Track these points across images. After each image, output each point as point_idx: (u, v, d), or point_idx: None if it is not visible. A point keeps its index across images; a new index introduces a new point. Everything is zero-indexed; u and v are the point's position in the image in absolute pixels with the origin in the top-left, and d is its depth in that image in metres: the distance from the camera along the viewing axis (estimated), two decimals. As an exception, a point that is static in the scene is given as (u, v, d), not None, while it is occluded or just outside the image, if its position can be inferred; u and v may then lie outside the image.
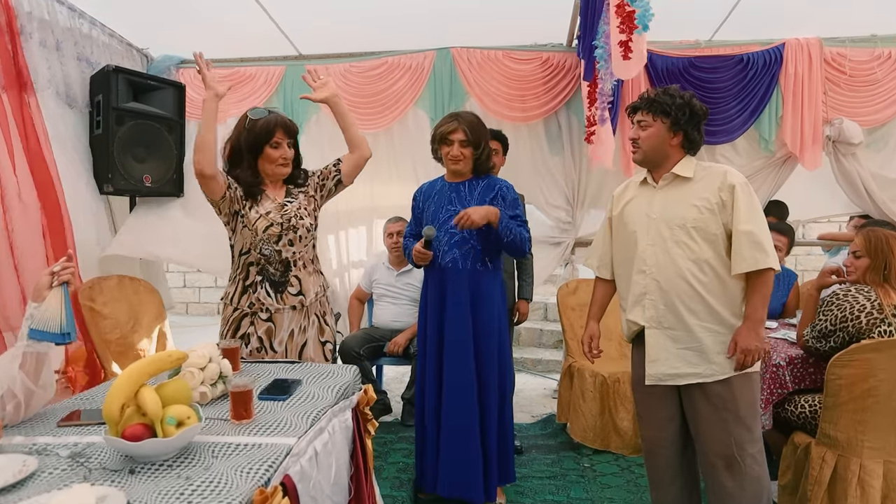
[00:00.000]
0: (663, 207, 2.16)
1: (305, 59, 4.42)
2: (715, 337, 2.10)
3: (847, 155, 3.99)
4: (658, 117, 2.14)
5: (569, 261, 4.40)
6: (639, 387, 2.31)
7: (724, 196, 2.08)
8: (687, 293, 2.10)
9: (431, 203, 2.75)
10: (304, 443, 1.43)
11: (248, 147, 2.34)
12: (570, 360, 3.66)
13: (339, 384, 1.88)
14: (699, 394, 2.13)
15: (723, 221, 2.08)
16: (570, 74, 4.15)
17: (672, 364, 2.14)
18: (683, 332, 2.12)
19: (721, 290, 2.10)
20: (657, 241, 2.15)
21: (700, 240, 2.09)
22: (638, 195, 2.28)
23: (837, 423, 2.25)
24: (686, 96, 2.14)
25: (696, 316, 2.10)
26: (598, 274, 2.49)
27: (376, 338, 3.80)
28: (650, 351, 2.18)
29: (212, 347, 1.73)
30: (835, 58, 3.98)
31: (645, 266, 2.17)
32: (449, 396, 2.60)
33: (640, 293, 2.19)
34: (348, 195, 4.46)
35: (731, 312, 2.12)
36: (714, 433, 2.12)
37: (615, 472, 3.19)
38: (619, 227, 2.33)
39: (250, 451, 1.35)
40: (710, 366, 2.10)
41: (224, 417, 1.57)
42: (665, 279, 2.13)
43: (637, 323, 2.22)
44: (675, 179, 2.18)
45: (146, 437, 1.26)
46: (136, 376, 1.32)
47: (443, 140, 2.64)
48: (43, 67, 3.42)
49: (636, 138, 2.19)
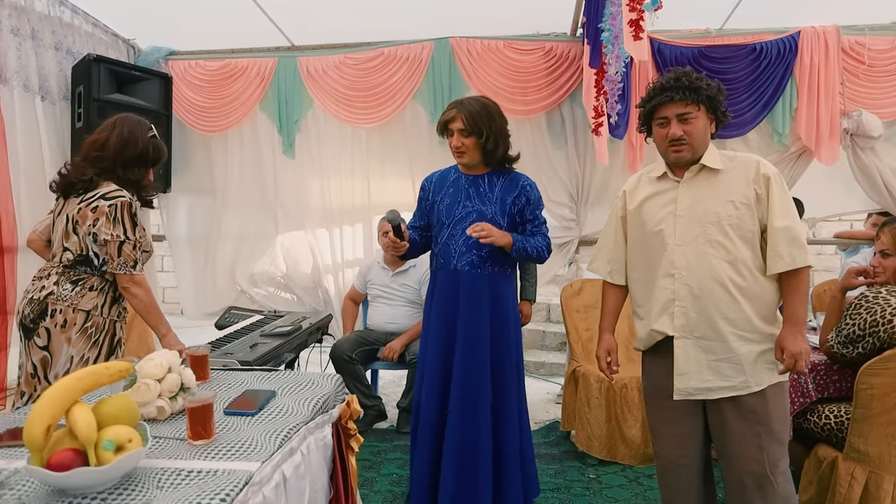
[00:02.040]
0: (692, 204, 1.93)
1: (299, 50, 4.28)
2: (749, 346, 1.89)
3: (865, 149, 3.83)
4: (702, 105, 1.89)
5: (573, 260, 4.25)
6: (654, 399, 2.10)
7: (758, 189, 1.88)
8: (723, 298, 1.88)
9: (445, 196, 2.49)
10: (268, 468, 1.24)
11: (140, 160, 2.31)
12: (575, 365, 3.48)
13: (318, 396, 1.69)
14: (730, 407, 1.92)
15: (758, 216, 1.88)
16: (575, 65, 3.98)
17: (703, 377, 1.93)
18: (717, 342, 1.91)
19: (758, 293, 1.90)
20: (687, 241, 1.92)
21: (736, 238, 1.87)
22: (658, 191, 2.03)
23: (868, 436, 2.07)
24: (704, 76, 1.93)
25: (732, 324, 1.89)
26: (608, 279, 2.20)
27: (370, 341, 3.62)
28: (679, 363, 1.96)
29: (171, 356, 1.54)
30: (853, 46, 3.82)
31: (674, 269, 1.94)
32: (458, 409, 2.35)
33: (668, 300, 1.96)
34: (342, 192, 4.33)
35: (764, 319, 1.91)
36: (745, 450, 1.91)
37: (622, 484, 3.00)
38: (637, 226, 2.08)
39: (203, 479, 1.16)
40: (745, 378, 1.89)
41: (181, 437, 1.38)
42: (697, 284, 1.90)
43: (663, 333, 1.98)
44: (702, 171, 1.95)
45: (77, 464, 1.08)
46: (65, 393, 1.13)
47: (444, 130, 2.42)
48: (12, 57, 3.25)
49: (680, 136, 1.89)
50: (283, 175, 4.30)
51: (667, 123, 1.93)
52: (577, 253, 4.23)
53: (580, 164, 4.14)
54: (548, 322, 5.89)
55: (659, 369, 2.04)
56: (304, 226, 4.33)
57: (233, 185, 4.34)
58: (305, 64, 4.19)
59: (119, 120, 2.29)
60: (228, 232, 4.34)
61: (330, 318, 3.46)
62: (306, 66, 4.18)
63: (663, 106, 1.92)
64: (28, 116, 3.39)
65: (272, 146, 4.29)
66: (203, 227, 4.38)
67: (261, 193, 4.34)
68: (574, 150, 4.12)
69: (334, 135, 4.28)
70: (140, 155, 2.26)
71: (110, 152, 2.21)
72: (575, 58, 3.97)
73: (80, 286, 2.18)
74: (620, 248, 2.16)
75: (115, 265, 2.15)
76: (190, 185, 4.38)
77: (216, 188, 4.37)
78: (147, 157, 2.29)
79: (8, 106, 3.20)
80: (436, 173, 2.61)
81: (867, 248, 4.09)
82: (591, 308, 3.74)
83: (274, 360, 2.68)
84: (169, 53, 4.33)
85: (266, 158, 4.30)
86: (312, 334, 3.17)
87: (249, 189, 4.34)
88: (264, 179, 4.32)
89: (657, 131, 1.98)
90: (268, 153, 4.30)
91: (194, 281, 4.36)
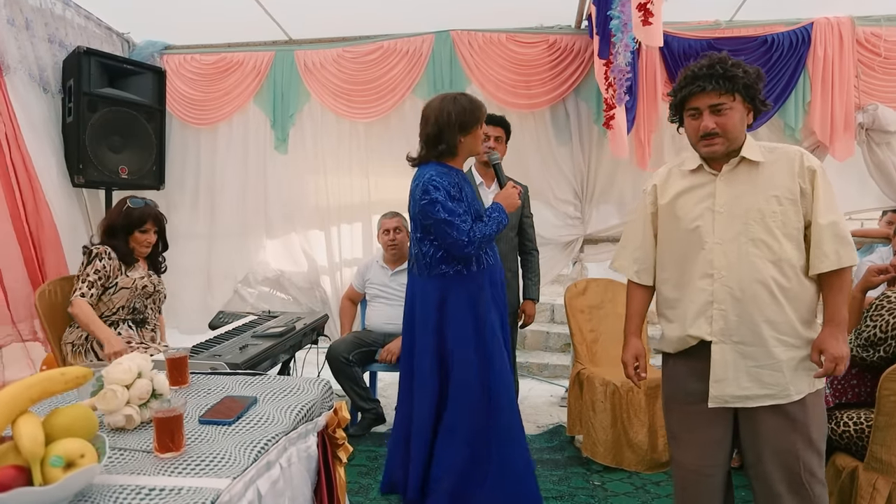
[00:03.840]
0: (733, 199, 1.81)
1: (296, 43, 4.19)
2: (791, 352, 1.78)
3: (881, 144, 3.72)
4: (738, 95, 1.75)
5: (577, 259, 4.13)
6: (678, 404, 1.98)
7: (802, 183, 1.75)
8: (766, 301, 1.76)
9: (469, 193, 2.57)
10: (239, 485, 1.13)
11: (122, 227, 2.87)
12: (579, 367, 3.36)
13: (302, 403, 1.57)
14: (768, 416, 1.81)
15: (803, 212, 1.76)
16: (580, 58, 3.87)
17: (741, 384, 1.80)
18: (757, 348, 1.78)
19: (800, 295, 1.78)
20: (727, 239, 1.80)
21: (781, 236, 1.75)
22: (693, 185, 1.89)
23: (892, 445, 1.95)
24: (741, 61, 1.79)
25: (775, 328, 1.77)
26: (635, 279, 2.06)
27: (367, 342, 3.51)
28: (716, 369, 1.83)
29: (143, 359, 1.43)
30: (868, 38, 3.71)
31: (713, 269, 1.82)
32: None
33: (706, 302, 1.83)
34: (341, 189, 4.23)
35: (805, 323, 1.80)
36: (780, 459, 1.80)
37: (629, 492, 2.89)
38: (670, 223, 1.94)
39: (165, 498, 1.05)
40: (786, 386, 1.78)
41: (147, 449, 1.27)
42: (739, 285, 1.78)
43: (699, 337, 1.86)
44: (741, 164, 1.81)
45: (18, 483, 0.96)
46: (11, 402, 1.01)
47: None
48: (13, 47, 3.17)
49: (713, 129, 1.76)
50: (276, 171, 4.20)
51: (698, 115, 1.79)
52: (582, 252, 4.12)
53: (585, 160, 4.03)
54: (552, 323, 5.78)
55: (687, 373, 1.93)
56: (300, 224, 4.23)
57: (223, 181, 4.24)
58: (303, 57, 4.09)
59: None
60: (220, 230, 4.24)
61: (326, 319, 3.35)
62: (304, 60, 4.09)
63: (695, 96, 1.78)
64: (38, 109, 3.39)
65: (265, 141, 4.19)
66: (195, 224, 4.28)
67: (253, 190, 4.23)
68: (579, 145, 4.01)
69: (332, 130, 4.19)
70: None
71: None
72: (579, 51, 3.86)
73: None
74: (649, 246, 2.03)
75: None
76: (182, 181, 4.29)
77: (206, 184, 4.27)
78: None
79: (17, 96, 3.18)
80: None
81: (882, 247, 3.96)
82: (595, 308, 3.62)
83: (266, 362, 2.58)
84: (164, 48, 4.25)
85: (259, 154, 4.20)
86: (307, 335, 3.06)
87: (241, 186, 4.24)
88: (258, 176, 4.22)
89: (689, 123, 1.84)
90: (260, 148, 4.20)
91: (187, 281, 4.26)
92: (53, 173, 3.41)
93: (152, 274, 3.01)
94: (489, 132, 3.17)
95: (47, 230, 3.25)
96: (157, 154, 3.82)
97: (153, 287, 2.96)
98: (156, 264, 3.07)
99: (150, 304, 2.97)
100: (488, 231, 2.39)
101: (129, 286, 2.83)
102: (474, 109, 2.44)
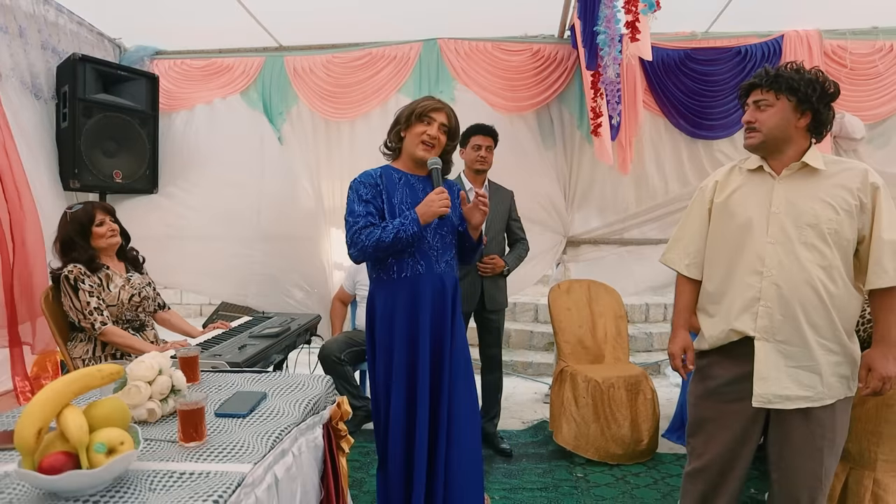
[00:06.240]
0: (790, 202, 1.84)
1: (286, 50, 4.26)
2: (829, 357, 1.83)
3: (849, 151, 3.89)
4: (782, 95, 1.83)
5: (560, 261, 4.25)
6: (712, 402, 2.01)
7: (864, 197, 1.79)
8: (812, 303, 1.80)
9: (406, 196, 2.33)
10: (260, 470, 1.25)
11: (76, 233, 2.72)
12: (563, 365, 3.50)
13: (309, 397, 1.69)
14: (799, 419, 1.85)
15: (858, 226, 1.80)
16: (563, 66, 4.00)
17: (783, 384, 1.84)
18: (799, 349, 1.83)
19: (847, 304, 1.83)
20: (781, 239, 1.84)
21: (833, 244, 1.80)
22: (749, 183, 1.95)
23: (849, 434, 2.08)
24: (814, 71, 1.85)
25: (818, 331, 1.81)
26: (685, 273, 2.10)
27: (358, 342, 3.61)
28: (760, 367, 1.86)
29: (162, 357, 1.54)
30: (835, 50, 3.88)
31: (762, 267, 1.85)
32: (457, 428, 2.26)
33: (753, 297, 1.87)
34: (330, 192, 4.30)
35: (847, 331, 1.84)
36: (805, 463, 1.85)
37: (610, 483, 3.03)
38: (723, 218, 1.98)
39: (196, 481, 1.17)
40: (822, 389, 1.82)
41: (172, 439, 1.38)
42: (788, 285, 1.82)
43: (743, 332, 1.89)
44: (802, 170, 1.86)
45: (68, 467, 1.07)
46: (56, 396, 1.12)
47: (420, 116, 2.27)
48: (5, 55, 3.22)
49: (752, 121, 1.88)
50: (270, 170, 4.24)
51: (748, 108, 1.93)
52: (565, 254, 4.25)
53: (567, 164, 4.16)
54: (535, 322, 5.91)
55: (726, 370, 1.97)
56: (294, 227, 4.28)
57: (217, 180, 4.24)
58: (292, 63, 4.17)
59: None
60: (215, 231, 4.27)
61: (318, 319, 3.44)
62: (293, 66, 4.17)
63: (746, 95, 1.94)
64: (30, 116, 3.39)
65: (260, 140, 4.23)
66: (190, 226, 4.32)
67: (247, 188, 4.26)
68: (563, 151, 4.14)
69: (318, 130, 4.25)
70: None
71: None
72: (562, 59, 3.99)
73: None
74: (702, 241, 2.07)
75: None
76: (175, 183, 4.31)
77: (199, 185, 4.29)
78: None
79: (8, 103, 3.18)
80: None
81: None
82: (580, 307, 3.76)
83: (262, 361, 2.67)
84: (155, 53, 4.30)
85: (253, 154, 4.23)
86: (301, 335, 3.16)
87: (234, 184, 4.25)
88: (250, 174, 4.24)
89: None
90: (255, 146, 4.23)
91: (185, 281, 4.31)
92: (44, 179, 3.42)
93: (132, 276, 2.86)
94: (480, 142, 3.28)
95: (32, 236, 3.15)
96: (150, 158, 3.89)
97: (138, 294, 2.83)
98: (133, 261, 2.94)
99: (141, 312, 2.85)
100: (384, 237, 2.12)
101: (114, 303, 2.71)
102: (412, 105, 2.29)
